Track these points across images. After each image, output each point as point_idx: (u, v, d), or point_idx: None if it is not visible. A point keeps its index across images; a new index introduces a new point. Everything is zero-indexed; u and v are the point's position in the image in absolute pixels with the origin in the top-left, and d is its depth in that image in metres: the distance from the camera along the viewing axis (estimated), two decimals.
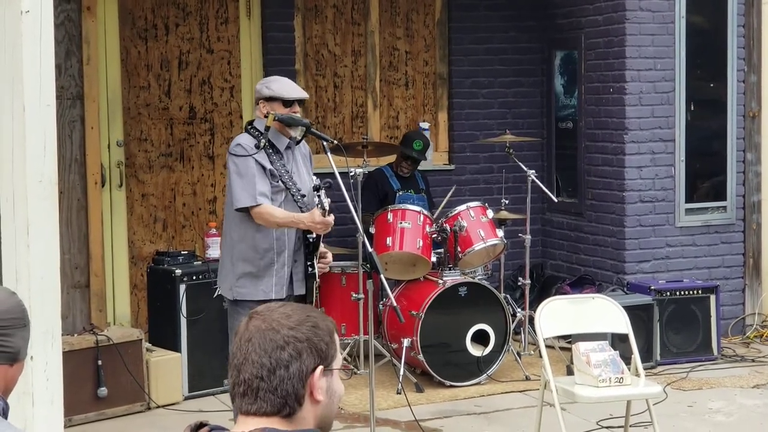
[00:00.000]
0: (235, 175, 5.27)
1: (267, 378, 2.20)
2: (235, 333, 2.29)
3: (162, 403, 6.84)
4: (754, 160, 8.67)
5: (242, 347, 2.24)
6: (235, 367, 2.23)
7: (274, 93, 5.35)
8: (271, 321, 2.25)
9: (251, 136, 5.34)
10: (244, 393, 2.22)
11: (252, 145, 5.29)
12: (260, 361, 2.21)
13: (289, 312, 2.27)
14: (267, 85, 5.42)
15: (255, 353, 2.21)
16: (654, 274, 8.23)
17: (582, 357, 5.63)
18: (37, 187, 4.62)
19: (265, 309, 2.29)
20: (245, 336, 2.25)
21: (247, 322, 2.27)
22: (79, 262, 7.24)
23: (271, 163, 5.28)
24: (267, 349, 2.22)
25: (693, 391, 7.20)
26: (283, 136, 5.36)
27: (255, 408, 2.21)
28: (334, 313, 7.33)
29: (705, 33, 8.45)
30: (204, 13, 8.19)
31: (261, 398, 2.21)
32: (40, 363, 4.61)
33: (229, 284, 5.38)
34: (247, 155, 5.26)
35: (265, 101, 5.36)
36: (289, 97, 5.35)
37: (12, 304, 2.62)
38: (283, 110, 5.33)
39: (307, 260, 5.38)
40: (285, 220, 5.24)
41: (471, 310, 7.25)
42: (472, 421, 6.63)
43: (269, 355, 2.21)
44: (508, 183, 8.48)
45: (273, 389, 2.20)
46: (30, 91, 4.59)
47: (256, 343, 2.22)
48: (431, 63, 8.91)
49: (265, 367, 2.20)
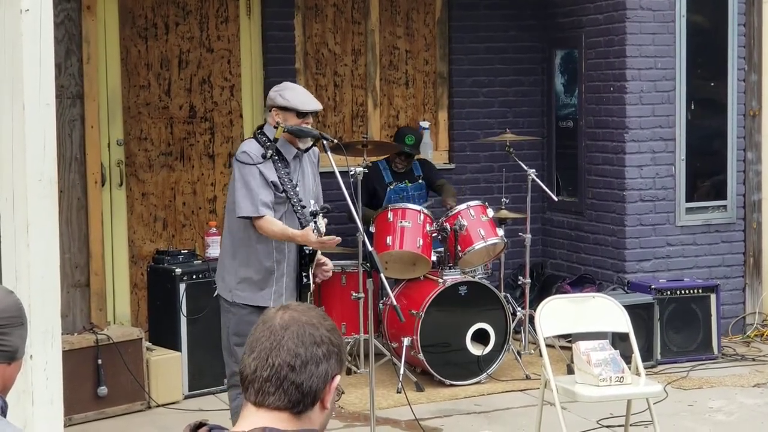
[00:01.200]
0: (239, 184, 5.23)
1: (298, 369, 2.18)
2: (258, 323, 2.25)
3: (162, 402, 6.84)
4: (754, 159, 8.67)
5: (276, 333, 2.20)
6: (265, 350, 2.19)
7: (289, 104, 5.27)
8: (310, 316, 2.24)
9: (259, 144, 5.29)
10: (267, 378, 2.17)
11: (258, 154, 5.23)
12: (296, 350, 2.18)
13: (323, 314, 2.28)
14: (281, 93, 5.32)
15: (292, 341, 2.19)
16: (654, 273, 8.23)
17: (582, 356, 5.63)
18: (37, 186, 4.61)
19: (298, 305, 2.28)
20: (280, 323, 2.21)
21: (280, 312, 2.24)
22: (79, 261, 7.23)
23: (276, 171, 5.24)
24: (305, 341, 2.20)
25: (693, 390, 7.19)
26: (291, 146, 5.34)
27: (271, 399, 2.18)
28: (335, 312, 7.33)
29: (705, 32, 8.44)
30: (204, 12, 8.19)
31: (283, 389, 2.18)
32: (40, 362, 4.61)
33: (228, 286, 5.36)
34: (253, 164, 5.22)
35: (279, 110, 5.29)
36: (304, 109, 5.29)
37: (9, 303, 2.62)
38: (296, 121, 5.26)
39: (303, 271, 5.37)
40: (280, 235, 5.23)
41: (471, 309, 7.25)
42: (472, 420, 6.63)
43: (306, 347, 2.19)
44: (509, 182, 8.47)
45: (299, 383, 2.18)
46: (30, 90, 4.58)
47: (294, 332, 2.20)
48: (431, 62, 8.91)
49: (299, 357, 2.18)
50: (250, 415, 2.21)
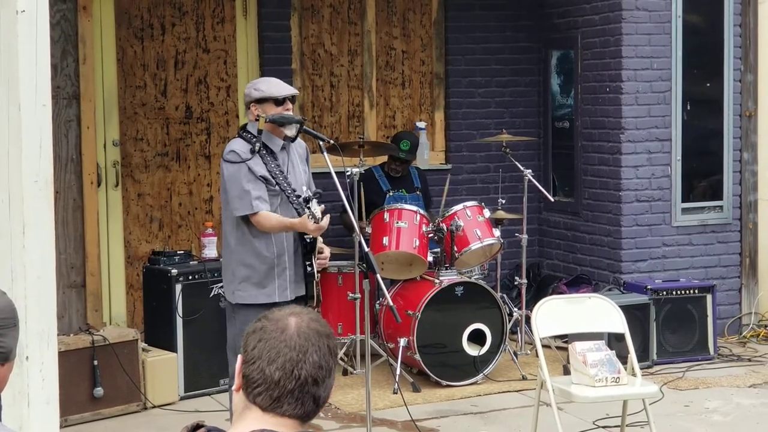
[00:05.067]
0: (230, 183, 5.24)
1: (321, 382, 2.15)
2: (268, 327, 2.18)
3: (158, 403, 6.83)
4: (750, 160, 8.67)
5: (298, 345, 2.14)
6: (290, 361, 2.13)
7: (264, 93, 5.30)
8: (323, 325, 2.20)
9: (245, 141, 5.30)
10: (291, 390, 2.13)
11: (246, 151, 5.24)
12: (320, 363, 2.15)
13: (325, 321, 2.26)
14: (255, 86, 5.38)
15: (317, 354, 2.15)
16: (650, 273, 8.23)
17: (578, 356, 5.63)
18: (33, 187, 4.61)
19: (307, 311, 2.23)
20: (299, 331, 2.16)
21: (294, 319, 2.18)
22: (75, 262, 7.24)
23: (265, 165, 5.25)
24: (325, 353, 2.17)
25: (689, 391, 7.19)
26: (276, 137, 5.33)
27: (286, 408, 2.14)
28: (331, 313, 7.33)
29: (701, 32, 8.45)
30: (200, 13, 8.19)
31: (302, 402, 2.15)
32: (35, 363, 4.60)
33: (231, 288, 5.35)
34: (241, 161, 5.23)
35: (256, 103, 5.31)
36: (279, 95, 5.31)
37: (3, 304, 2.61)
38: (276, 110, 5.29)
39: (306, 260, 5.37)
40: (279, 227, 5.24)
41: (467, 309, 7.25)
42: (468, 420, 6.63)
43: (326, 359, 2.16)
44: (505, 182, 8.48)
45: (317, 396, 2.16)
46: (26, 91, 4.58)
47: (315, 344, 2.16)
48: (428, 62, 8.91)
49: (323, 370, 2.15)
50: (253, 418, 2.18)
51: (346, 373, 7.35)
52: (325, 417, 6.59)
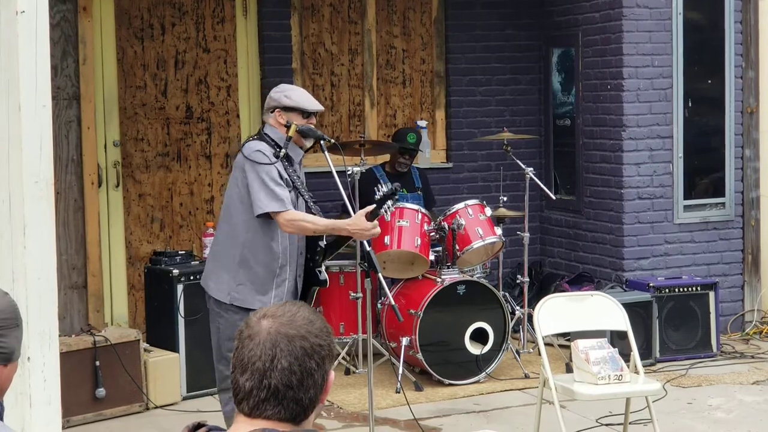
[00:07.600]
0: (259, 182, 5.15)
1: (296, 387, 2.14)
2: (243, 333, 2.20)
3: (160, 403, 6.83)
4: (752, 157, 8.66)
5: (266, 351, 2.15)
6: (258, 371, 2.15)
7: (295, 104, 5.27)
8: (296, 327, 2.18)
9: (267, 145, 5.27)
10: (265, 399, 2.14)
11: (270, 154, 5.22)
12: (291, 369, 2.14)
13: (310, 317, 2.21)
14: (286, 94, 5.32)
15: (285, 360, 2.15)
16: (653, 271, 8.22)
17: (581, 354, 5.62)
18: (34, 188, 4.61)
19: (280, 311, 2.21)
20: (268, 338, 2.16)
21: (265, 322, 2.18)
22: (76, 263, 7.23)
23: (285, 170, 5.25)
24: (298, 356, 2.15)
25: (692, 388, 7.19)
26: (298, 146, 5.33)
27: (272, 413, 2.15)
28: (333, 312, 7.32)
29: (702, 29, 8.44)
30: (200, 13, 8.18)
31: (283, 406, 2.15)
32: (37, 364, 4.60)
33: (227, 288, 5.30)
34: (269, 163, 5.19)
35: (283, 111, 5.28)
36: (311, 109, 5.31)
37: (4, 305, 2.60)
38: (301, 121, 5.27)
39: (316, 267, 5.36)
40: (325, 227, 5.21)
41: (470, 308, 7.24)
42: (471, 419, 6.62)
43: (300, 363, 2.15)
44: (506, 181, 8.47)
45: (299, 398, 2.15)
46: (26, 91, 4.58)
47: (285, 350, 2.15)
48: (428, 61, 8.90)
49: (295, 375, 2.14)
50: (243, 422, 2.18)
51: (349, 373, 7.35)
52: (328, 416, 6.58)
